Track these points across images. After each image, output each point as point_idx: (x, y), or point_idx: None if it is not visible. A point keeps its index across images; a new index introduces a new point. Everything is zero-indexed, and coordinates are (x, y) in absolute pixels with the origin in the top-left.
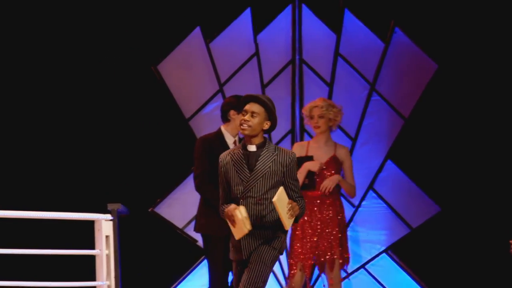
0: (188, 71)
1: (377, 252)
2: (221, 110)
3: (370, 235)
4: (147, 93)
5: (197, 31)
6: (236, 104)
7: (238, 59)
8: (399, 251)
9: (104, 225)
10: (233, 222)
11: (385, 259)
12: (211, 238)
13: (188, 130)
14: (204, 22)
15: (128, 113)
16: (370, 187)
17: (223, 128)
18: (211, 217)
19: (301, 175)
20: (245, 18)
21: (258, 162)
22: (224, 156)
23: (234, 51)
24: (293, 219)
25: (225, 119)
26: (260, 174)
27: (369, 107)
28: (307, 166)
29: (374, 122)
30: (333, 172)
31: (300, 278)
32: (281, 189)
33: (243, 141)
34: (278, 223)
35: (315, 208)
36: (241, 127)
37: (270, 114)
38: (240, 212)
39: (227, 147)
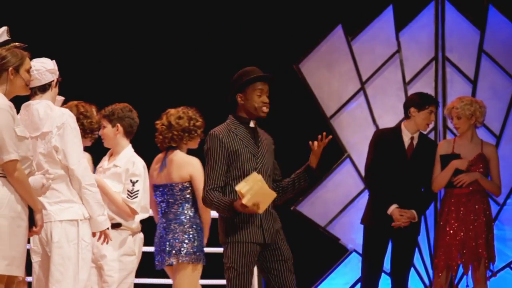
0: (329, 70)
1: None
2: (403, 106)
3: None
4: (289, 92)
5: (338, 29)
6: (418, 101)
7: (380, 57)
8: None
9: None
10: (254, 207)
11: None
12: (369, 230)
13: (329, 128)
14: (345, 19)
15: (270, 112)
16: None
17: (403, 124)
18: (373, 210)
19: (448, 173)
20: (387, 15)
21: (260, 137)
22: (223, 134)
23: (376, 49)
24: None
25: (406, 116)
26: (265, 148)
27: None
28: (455, 164)
29: None
30: (481, 169)
31: (446, 278)
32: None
33: (240, 117)
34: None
35: (461, 207)
36: (264, 109)
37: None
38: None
39: (401, 143)
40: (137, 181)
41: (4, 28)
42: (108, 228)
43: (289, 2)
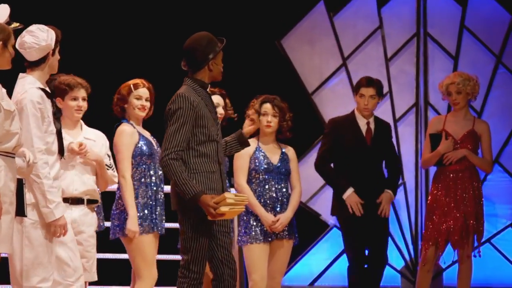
0: (311, 46)
1: (503, 226)
2: None
3: (496, 209)
4: (270, 68)
5: (320, 4)
6: (355, 87)
7: (362, 33)
8: None
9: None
10: (217, 215)
11: (511, 233)
12: (343, 219)
13: (311, 104)
14: None
15: (252, 88)
16: (496, 161)
17: (356, 110)
18: (337, 200)
19: (435, 156)
20: None
21: (212, 103)
22: (192, 95)
23: (358, 25)
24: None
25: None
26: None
27: (495, 80)
28: (441, 150)
29: (500, 95)
30: (469, 147)
31: (433, 253)
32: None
33: (200, 80)
34: None
35: (451, 184)
36: (221, 73)
37: None
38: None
39: (358, 129)
40: (110, 155)
41: (7, 9)
42: (56, 220)
43: None
